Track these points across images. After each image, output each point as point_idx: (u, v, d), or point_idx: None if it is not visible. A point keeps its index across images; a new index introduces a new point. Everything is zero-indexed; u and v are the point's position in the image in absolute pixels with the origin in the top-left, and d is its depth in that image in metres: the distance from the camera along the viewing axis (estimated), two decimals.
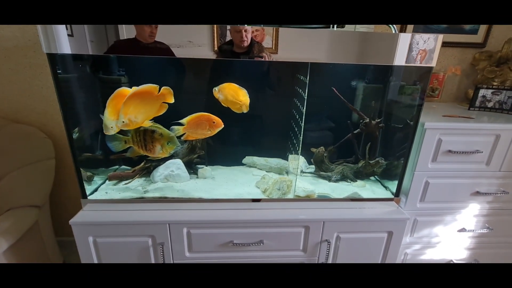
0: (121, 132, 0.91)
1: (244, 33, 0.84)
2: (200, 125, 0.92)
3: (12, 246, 1.01)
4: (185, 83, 1.09)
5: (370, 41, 0.86)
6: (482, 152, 1.04)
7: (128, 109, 0.84)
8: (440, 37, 0.85)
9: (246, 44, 0.85)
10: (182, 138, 0.94)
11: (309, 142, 1.17)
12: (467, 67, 1.40)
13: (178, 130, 0.92)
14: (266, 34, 0.85)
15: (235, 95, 0.90)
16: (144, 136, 0.93)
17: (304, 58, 0.89)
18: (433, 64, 0.88)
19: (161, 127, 0.92)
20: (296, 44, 0.85)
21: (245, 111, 0.93)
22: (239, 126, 1.19)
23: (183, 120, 0.92)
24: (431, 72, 0.92)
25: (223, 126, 0.92)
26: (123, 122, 0.84)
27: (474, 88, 1.24)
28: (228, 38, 0.85)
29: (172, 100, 0.86)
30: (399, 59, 0.87)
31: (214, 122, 0.91)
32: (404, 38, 0.84)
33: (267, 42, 0.85)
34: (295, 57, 0.88)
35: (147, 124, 0.89)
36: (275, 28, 0.84)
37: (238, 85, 0.91)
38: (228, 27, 0.85)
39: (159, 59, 0.98)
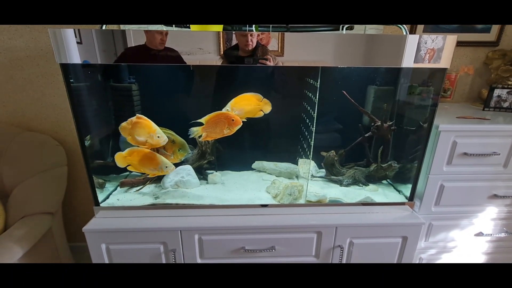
0: None
1: (249, 37, 0.84)
2: (219, 124, 0.91)
3: (27, 252, 1.02)
4: (195, 88, 1.10)
5: (377, 43, 0.85)
6: (499, 154, 1.01)
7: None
8: (454, 38, 0.83)
9: (251, 47, 0.85)
10: (200, 138, 0.93)
11: (319, 145, 1.16)
12: (480, 67, 1.37)
13: (197, 131, 0.92)
14: (272, 37, 0.84)
15: (251, 103, 0.90)
16: None
17: (310, 61, 0.87)
18: (447, 65, 0.86)
19: (174, 133, 0.93)
20: (302, 46, 0.84)
21: (268, 111, 0.92)
22: (248, 130, 1.18)
23: (202, 120, 0.91)
24: (445, 73, 0.90)
25: (241, 123, 0.91)
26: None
27: (489, 88, 1.21)
28: (234, 42, 0.85)
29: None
30: (408, 61, 0.85)
31: (233, 120, 0.90)
32: (413, 39, 0.83)
33: (273, 45, 0.84)
34: (301, 59, 0.86)
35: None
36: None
37: (248, 93, 0.90)
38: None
39: (169, 66, 0.98)
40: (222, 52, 0.84)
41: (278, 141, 1.26)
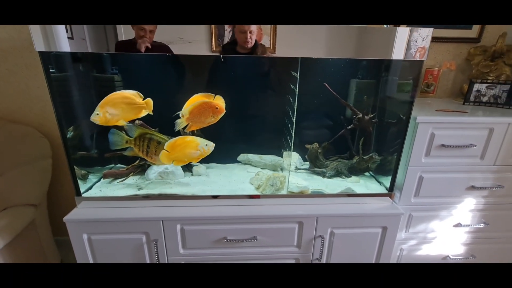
0: (127, 133, 0.96)
1: (249, 34, 0.84)
2: (204, 113, 0.91)
3: (8, 244, 1.01)
4: (179, 80, 1.10)
5: (367, 35, 0.86)
6: (476, 146, 1.03)
7: (105, 106, 0.89)
8: (429, 31, 0.85)
9: (250, 45, 0.85)
10: (185, 129, 0.93)
11: (303, 138, 1.17)
12: (462, 62, 1.40)
13: (181, 122, 0.91)
14: (264, 34, 0.85)
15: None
16: (149, 143, 0.95)
17: (302, 56, 0.89)
18: (423, 57, 0.88)
19: (166, 137, 0.94)
20: (294, 42, 0.86)
21: (223, 105, 0.93)
22: (233, 123, 1.19)
23: (185, 111, 0.90)
24: (421, 66, 0.92)
25: (225, 111, 0.91)
26: (97, 114, 0.89)
27: (469, 82, 1.24)
28: (226, 39, 0.85)
29: (151, 111, 0.91)
30: (397, 54, 0.87)
31: (217, 108, 0.90)
32: (402, 32, 0.85)
33: (265, 42, 0.86)
34: (293, 56, 0.88)
35: (122, 123, 0.92)
36: (273, 27, 0.84)
37: (198, 94, 0.91)
38: (227, 27, 0.85)
39: (153, 57, 0.99)
40: (214, 48, 0.84)
41: (263, 134, 1.27)
